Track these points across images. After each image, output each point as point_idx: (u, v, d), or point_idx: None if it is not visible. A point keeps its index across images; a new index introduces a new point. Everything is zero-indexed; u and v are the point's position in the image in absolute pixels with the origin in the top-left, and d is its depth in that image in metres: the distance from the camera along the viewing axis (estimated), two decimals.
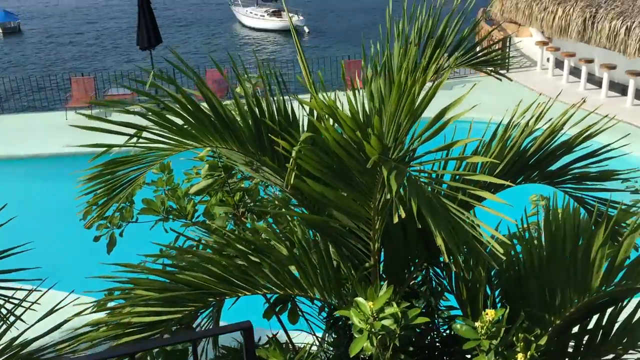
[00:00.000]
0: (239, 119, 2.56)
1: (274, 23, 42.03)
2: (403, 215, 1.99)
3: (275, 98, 2.69)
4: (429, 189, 2.07)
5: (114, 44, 38.50)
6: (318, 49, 34.37)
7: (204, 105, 2.49)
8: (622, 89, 14.01)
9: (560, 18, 13.63)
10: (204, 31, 44.31)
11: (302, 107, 2.57)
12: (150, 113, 2.35)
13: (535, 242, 2.91)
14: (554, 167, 3.04)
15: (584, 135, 2.97)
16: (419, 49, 2.91)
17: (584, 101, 3.18)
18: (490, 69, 3.26)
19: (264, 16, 42.61)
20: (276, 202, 3.33)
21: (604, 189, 3.08)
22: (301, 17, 41.38)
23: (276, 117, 2.61)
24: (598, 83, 14.56)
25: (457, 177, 2.37)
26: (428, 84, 2.04)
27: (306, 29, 40.91)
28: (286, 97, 2.84)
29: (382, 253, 2.91)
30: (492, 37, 17.80)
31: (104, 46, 38.25)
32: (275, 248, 2.84)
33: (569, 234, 2.77)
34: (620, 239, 2.86)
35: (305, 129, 2.68)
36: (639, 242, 3.77)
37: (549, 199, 3.15)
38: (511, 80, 3.35)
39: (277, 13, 42.53)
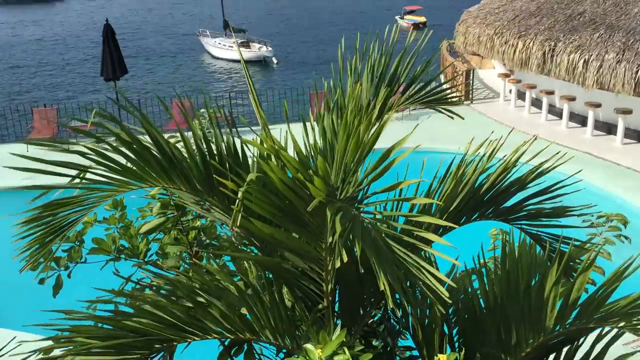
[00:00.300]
0: (187, 157, 2.50)
1: (243, 54, 42.14)
2: (345, 259, 1.94)
3: (225, 135, 2.64)
4: (379, 229, 2.03)
5: (81, 74, 38.15)
6: (287, 80, 34.59)
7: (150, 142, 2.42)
8: (582, 120, 14.36)
9: (520, 51, 13.96)
10: (172, 61, 44.26)
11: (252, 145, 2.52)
12: (92, 152, 2.27)
13: (493, 278, 2.89)
14: (508, 204, 3.04)
15: (537, 172, 2.98)
16: (372, 86, 2.90)
17: (535, 138, 3.20)
18: (445, 107, 3.26)
19: (232, 47, 42.78)
20: (229, 241, 3.25)
21: (559, 225, 3.09)
22: (270, 48, 41.70)
23: (225, 155, 2.55)
24: (559, 114, 14.90)
25: (404, 217, 2.33)
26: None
27: (275, 60, 41.19)
28: (242, 131, 2.79)
29: (338, 292, 2.85)
30: (456, 69, 18.18)
31: (68, 76, 37.86)
32: (228, 289, 2.76)
33: (524, 271, 2.76)
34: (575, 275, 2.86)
35: (256, 168, 2.63)
36: (599, 278, 3.78)
37: (508, 233, 3.15)
38: (463, 118, 3.36)
39: (245, 44, 42.77)
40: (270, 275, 2.81)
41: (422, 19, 55.25)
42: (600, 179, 11.46)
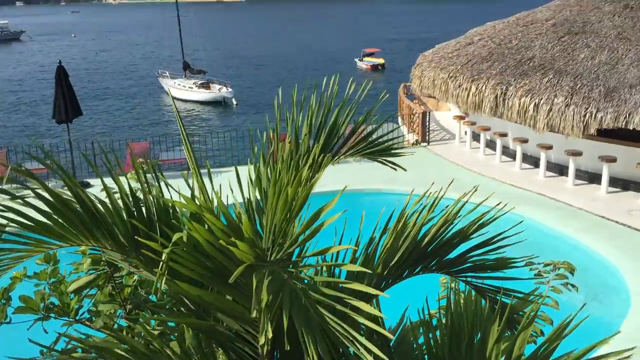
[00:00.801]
0: (113, 213, 2.36)
1: (203, 95, 42.24)
2: (270, 335, 1.84)
3: (154, 190, 2.52)
4: (311, 295, 1.93)
5: (35, 115, 37.44)
6: (247, 121, 34.60)
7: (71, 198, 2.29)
8: (534, 161, 14.67)
9: (474, 95, 14.26)
10: (131, 102, 43.94)
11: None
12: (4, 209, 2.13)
13: (437, 332, 2.82)
14: (452, 255, 2.98)
15: (479, 223, 2.94)
16: (310, 138, 2.84)
17: (476, 190, 3.16)
18: (387, 159, 3.21)
19: (192, 88, 42.82)
20: (163, 301, 3.09)
21: (504, 277, 3.04)
22: (230, 89, 41.87)
23: (154, 211, 2.43)
24: (513, 155, 15.20)
25: (335, 283, 2.24)
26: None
27: (234, 101, 41.32)
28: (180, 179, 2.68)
29: (277, 354, 2.72)
30: (413, 111, 18.46)
31: (21, 117, 37.12)
32: (159, 353, 2.60)
33: (468, 326, 2.69)
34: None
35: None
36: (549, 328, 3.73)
37: (458, 282, 3.09)
38: (405, 170, 3.31)
39: (205, 85, 42.86)
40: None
41: (381, 61, 56.45)
42: (554, 219, 11.64)
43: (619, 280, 9.44)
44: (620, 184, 12.90)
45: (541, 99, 12.77)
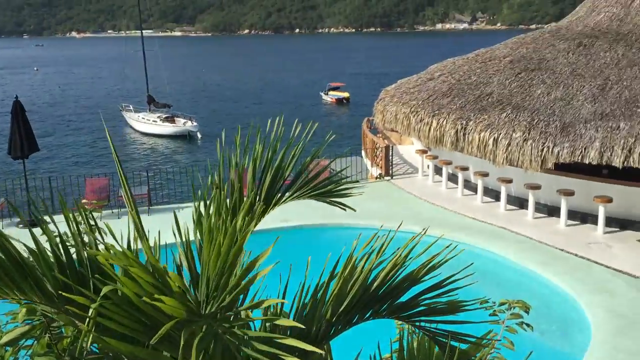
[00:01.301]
0: (42, 265, 2.23)
1: (167, 128, 41.95)
2: None
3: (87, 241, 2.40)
4: (246, 352, 1.83)
5: None
6: (212, 154, 34.37)
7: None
8: (495, 195, 14.84)
9: (435, 129, 14.44)
10: (91, 136, 43.32)
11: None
12: None
13: None
14: (403, 299, 2.91)
15: (429, 266, 2.88)
16: (255, 181, 2.77)
17: (425, 231, 3.11)
18: (337, 201, 3.15)
19: (156, 121, 42.51)
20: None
21: (457, 321, 2.97)
22: (195, 123, 41.70)
23: (86, 264, 2.31)
24: (474, 189, 15.36)
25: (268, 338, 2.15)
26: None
27: (199, 135, 41.11)
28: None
29: None
30: (376, 145, 18.59)
31: None
32: None
33: None
34: None
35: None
36: None
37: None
38: (355, 210, 3.25)
39: (170, 119, 42.62)
40: None
41: (346, 94, 57.08)
42: (515, 253, 11.73)
43: (579, 313, 9.50)
44: (579, 216, 13.11)
45: (500, 134, 12.98)
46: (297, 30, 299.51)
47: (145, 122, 43.16)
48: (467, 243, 12.43)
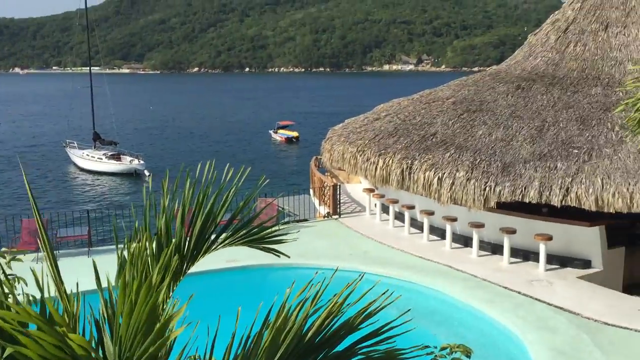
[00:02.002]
0: None
1: (113, 166, 41.09)
2: None
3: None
4: None
5: None
6: (158, 193, 33.71)
7: None
8: (441, 233, 15.01)
9: (381, 168, 14.58)
10: (32, 174, 41.94)
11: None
12: None
13: None
14: (340, 348, 2.83)
15: (366, 313, 2.82)
16: (185, 226, 2.67)
17: (361, 278, 3.06)
18: (271, 247, 3.07)
19: (101, 159, 41.62)
20: None
21: None
22: (142, 161, 41.02)
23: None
24: (420, 227, 15.50)
25: None
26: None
27: (147, 173, 40.40)
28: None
29: None
30: (324, 184, 18.63)
31: None
32: None
33: None
34: None
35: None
36: None
37: None
38: (289, 257, 3.18)
39: (116, 156, 41.83)
40: None
41: (295, 133, 57.44)
42: (460, 291, 11.81)
43: (523, 351, 9.58)
44: (521, 254, 13.37)
45: (444, 173, 13.20)
46: (247, 69, 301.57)
47: (90, 160, 42.20)
48: (414, 282, 12.48)
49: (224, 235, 2.82)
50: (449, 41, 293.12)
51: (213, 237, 2.68)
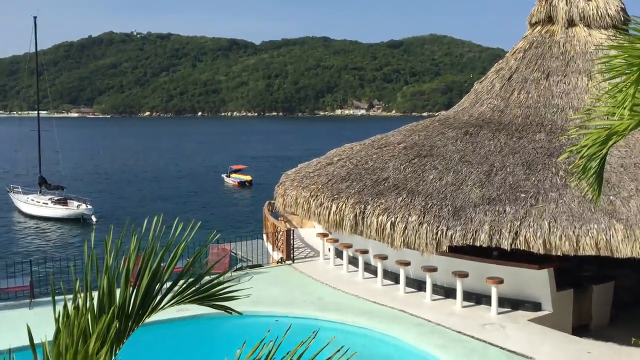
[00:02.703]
0: None
1: (59, 211, 39.93)
2: None
3: None
4: None
5: None
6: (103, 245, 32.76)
7: None
8: (395, 278, 15.01)
9: (334, 213, 14.57)
10: None
11: None
12: None
13: None
14: None
15: None
16: (130, 284, 2.55)
17: (315, 335, 2.98)
18: (221, 305, 2.96)
19: (47, 204, 40.41)
20: None
21: None
22: (89, 206, 40.07)
23: None
24: (374, 272, 15.47)
25: None
26: None
27: (94, 218, 39.40)
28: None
29: None
30: (277, 229, 18.49)
31: None
32: None
33: None
34: None
35: None
36: None
37: None
38: (241, 314, 3.07)
39: (62, 201, 40.72)
40: None
41: (248, 177, 57.26)
42: (414, 336, 11.76)
43: None
44: (474, 297, 13.47)
45: (397, 218, 13.29)
46: (200, 114, 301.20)
47: (35, 205, 40.93)
48: (369, 328, 12.37)
49: (171, 293, 2.71)
50: (398, 87, 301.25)
51: (160, 296, 2.56)
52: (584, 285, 13.62)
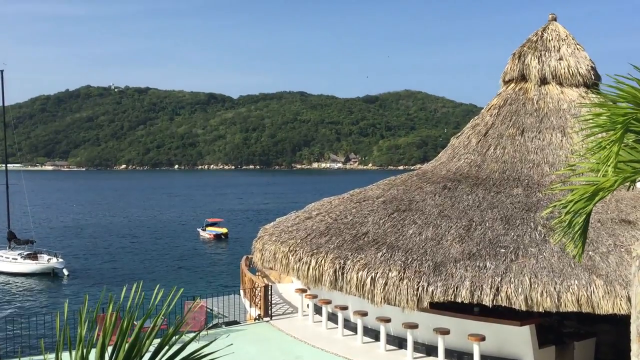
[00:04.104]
0: None
1: (29, 266, 38.89)
2: None
3: None
4: None
5: None
6: (79, 293, 31.85)
7: None
8: (375, 335, 14.72)
9: (314, 268, 14.35)
10: None
11: None
12: None
13: None
14: None
15: None
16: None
17: None
18: None
19: (16, 259, 39.40)
20: None
21: None
22: (60, 259, 39.20)
23: None
24: (354, 329, 15.17)
25: None
26: None
27: (65, 272, 38.47)
28: None
29: None
30: (255, 284, 18.13)
31: None
32: None
33: None
34: None
35: None
36: None
37: None
38: None
39: (32, 256, 39.77)
40: None
41: (224, 230, 56.67)
42: None
43: None
44: (456, 355, 13.22)
45: (377, 273, 13.12)
46: (177, 167, 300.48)
47: (4, 260, 39.88)
48: None
49: None
50: (374, 141, 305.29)
51: None
52: (565, 342, 13.47)
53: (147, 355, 2.83)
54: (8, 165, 45.37)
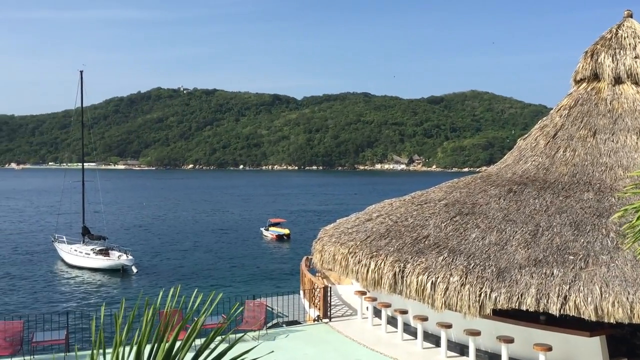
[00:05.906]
0: None
1: (100, 262, 40.42)
2: None
3: None
4: None
5: None
6: (146, 290, 32.85)
7: None
8: (436, 340, 14.41)
9: (373, 271, 14.19)
10: (23, 270, 41.02)
11: None
12: None
13: None
14: None
15: None
16: None
17: None
18: None
19: (89, 254, 41.02)
20: None
21: None
22: (130, 257, 40.47)
23: None
24: (414, 333, 14.90)
25: None
26: None
27: (134, 269, 39.73)
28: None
29: None
30: (315, 285, 18.13)
31: None
32: None
33: None
34: None
35: None
36: None
37: None
38: None
39: (104, 252, 41.28)
40: None
41: (286, 231, 57.13)
42: None
43: None
44: None
45: (438, 278, 12.83)
46: (241, 167, 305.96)
47: (77, 255, 41.60)
48: None
49: None
50: (439, 142, 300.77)
51: None
52: (638, 355, 12.76)
53: (207, 351, 2.80)
54: (83, 163, 47.30)
